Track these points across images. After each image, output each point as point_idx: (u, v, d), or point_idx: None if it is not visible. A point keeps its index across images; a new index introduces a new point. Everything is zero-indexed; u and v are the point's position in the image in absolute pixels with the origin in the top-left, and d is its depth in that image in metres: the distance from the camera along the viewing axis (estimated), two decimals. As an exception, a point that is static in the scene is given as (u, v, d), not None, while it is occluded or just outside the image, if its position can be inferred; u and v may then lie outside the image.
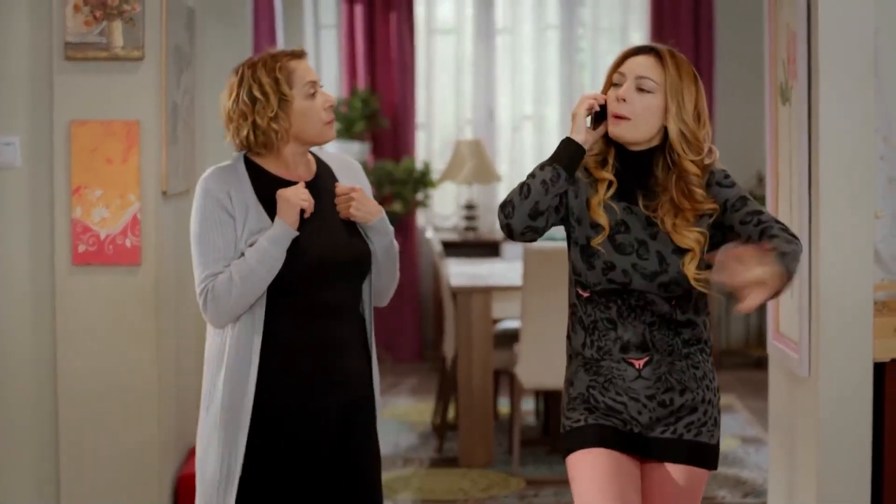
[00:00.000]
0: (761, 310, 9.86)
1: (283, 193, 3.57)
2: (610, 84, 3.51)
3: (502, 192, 10.46)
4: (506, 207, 3.47)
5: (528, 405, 8.17)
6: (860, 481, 4.53)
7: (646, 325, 3.48)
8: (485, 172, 9.90)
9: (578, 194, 3.51)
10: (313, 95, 3.61)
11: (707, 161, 3.47)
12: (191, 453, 5.76)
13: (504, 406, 8.04)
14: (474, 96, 10.55)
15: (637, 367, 3.49)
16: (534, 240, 3.52)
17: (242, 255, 3.54)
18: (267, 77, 3.55)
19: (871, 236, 4.52)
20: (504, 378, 7.71)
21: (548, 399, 7.43)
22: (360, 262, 3.69)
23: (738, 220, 3.42)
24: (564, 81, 10.42)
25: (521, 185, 3.47)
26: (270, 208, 3.58)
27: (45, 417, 5.25)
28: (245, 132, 3.57)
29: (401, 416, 8.21)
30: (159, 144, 5.18)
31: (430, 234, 8.33)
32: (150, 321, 5.18)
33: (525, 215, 3.44)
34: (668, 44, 3.54)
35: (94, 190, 5.11)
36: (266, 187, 3.60)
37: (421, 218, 10.47)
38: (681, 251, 3.43)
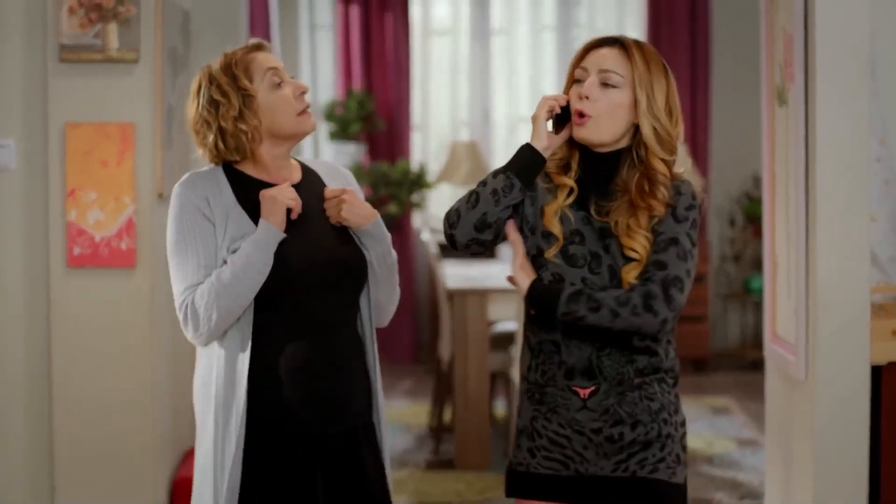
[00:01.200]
0: (758, 312, 9.86)
1: (267, 192, 3.26)
2: (572, 81, 3.22)
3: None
4: (451, 216, 3.19)
5: (524, 407, 8.14)
6: (857, 484, 4.52)
7: (594, 350, 3.14)
8: (481, 174, 9.88)
9: (535, 201, 3.21)
10: (279, 85, 3.29)
11: (678, 169, 3.20)
12: (186, 456, 5.75)
13: (500, 408, 8.04)
14: (470, 98, 10.55)
15: (582, 396, 3.15)
16: (480, 253, 3.25)
17: (225, 262, 3.22)
18: (223, 76, 3.26)
19: (867, 239, 4.51)
20: (500, 380, 7.71)
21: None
22: (353, 270, 3.35)
23: (647, 261, 3.13)
24: (560, 83, 10.40)
25: (470, 194, 3.18)
26: (253, 214, 3.27)
27: (40, 420, 5.24)
28: (212, 139, 3.27)
29: (396, 418, 8.20)
30: (154, 147, 5.17)
31: (425, 235, 8.32)
32: (146, 323, 5.17)
33: (470, 226, 3.15)
34: (663, 44, 3.28)
35: (89, 192, 5.09)
36: (248, 192, 3.30)
37: (417, 220, 10.46)
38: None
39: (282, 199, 3.25)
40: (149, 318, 5.17)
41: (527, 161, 3.19)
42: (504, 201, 3.15)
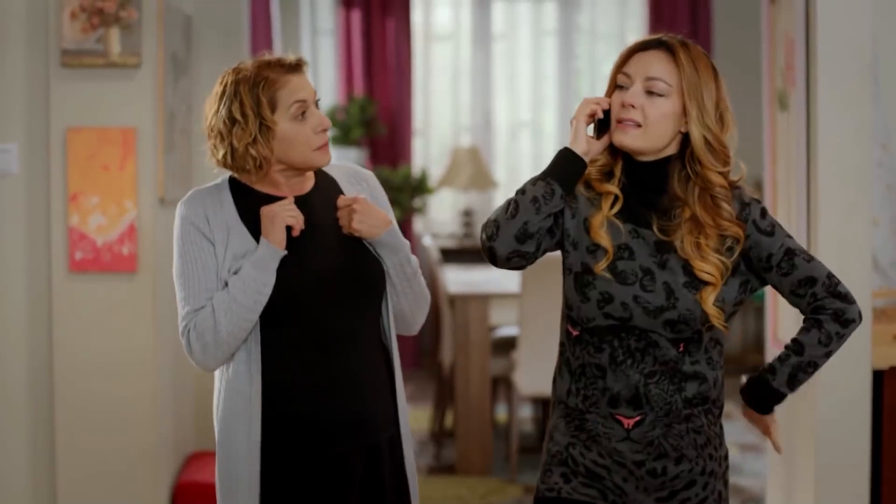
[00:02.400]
0: (759, 317, 9.87)
1: (266, 209, 3.12)
2: (614, 86, 2.99)
3: (500, 198, 10.46)
4: (489, 227, 2.96)
5: (525, 412, 8.15)
6: (859, 488, 4.52)
7: (642, 376, 2.93)
8: (482, 179, 9.89)
9: (576, 213, 2.99)
10: (303, 116, 3.15)
11: (734, 177, 2.98)
12: (188, 460, 5.74)
13: (502, 413, 8.03)
14: (472, 103, 10.55)
15: (626, 425, 2.95)
16: (522, 267, 2.99)
17: (226, 284, 3.11)
18: (249, 96, 3.10)
19: (869, 243, 4.52)
20: (502, 385, 7.70)
21: (545, 406, 7.41)
22: (367, 282, 3.21)
23: (789, 290, 2.97)
24: (562, 88, 10.41)
25: (508, 203, 2.95)
26: (256, 230, 3.15)
27: (42, 425, 5.24)
28: (221, 153, 3.14)
29: (398, 423, 8.19)
30: (156, 151, 5.17)
31: (427, 240, 8.32)
32: (147, 328, 5.17)
33: (511, 237, 2.92)
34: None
35: (90, 197, 5.10)
36: (252, 207, 3.17)
37: (418, 225, 10.46)
38: (693, 284, 2.91)
39: (281, 216, 3.11)
40: (150, 322, 5.17)
41: (567, 166, 2.95)
42: (545, 209, 2.92)
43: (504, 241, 2.93)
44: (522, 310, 6.77)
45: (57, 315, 5.16)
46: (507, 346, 7.32)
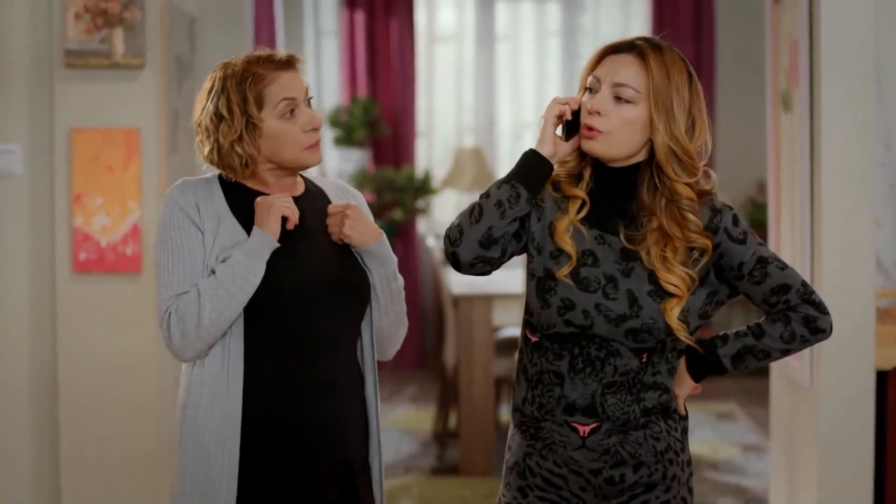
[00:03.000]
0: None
1: (262, 199, 3.04)
2: (584, 88, 2.90)
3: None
4: (452, 232, 2.87)
5: (529, 413, 8.14)
6: (862, 489, 4.52)
7: (600, 386, 2.85)
8: (485, 180, 9.89)
9: (542, 216, 2.91)
10: (291, 114, 3.04)
11: (705, 186, 2.88)
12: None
13: (505, 414, 8.03)
14: (475, 103, 10.55)
15: (581, 433, 2.86)
16: (486, 272, 2.92)
17: (213, 272, 3.00)
18: (235, 93, 3.02)
19: (872, 244, 4.52)
20: (505, 386, 7.70)
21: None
22: (351, 289, 3.11)
23: (761, 299, 2.89)
24: (565, 88, 10.41)
25: (472, 207, 2.86)
26: (247, 224, 3.05)
27: (46, 425, 5.24)
28: (208, 150, 3.07)
29: (401, 423, 8.20)
30: (160, 152, 5.18)
31: (430, 241, 8.33)
32: (151, 329, 5.17)
33: (475, 243, 2.85)
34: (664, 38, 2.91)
35: (94, 198, 5.10)
36: (242, 201, 3.08)
37: (422, 225, 10.47)
38: (658, 294, 2.83)
39: (278, 206, 3.02)
40: (154, 322, 5.17)
41: (532, 168, 2.87)
42: (510, 213, 2.84)
43: (467, 246, 2.86)
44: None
45: (61, 315, 5.17)
46: (510, 346, 7.32)
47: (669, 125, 2.82)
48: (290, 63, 3.08)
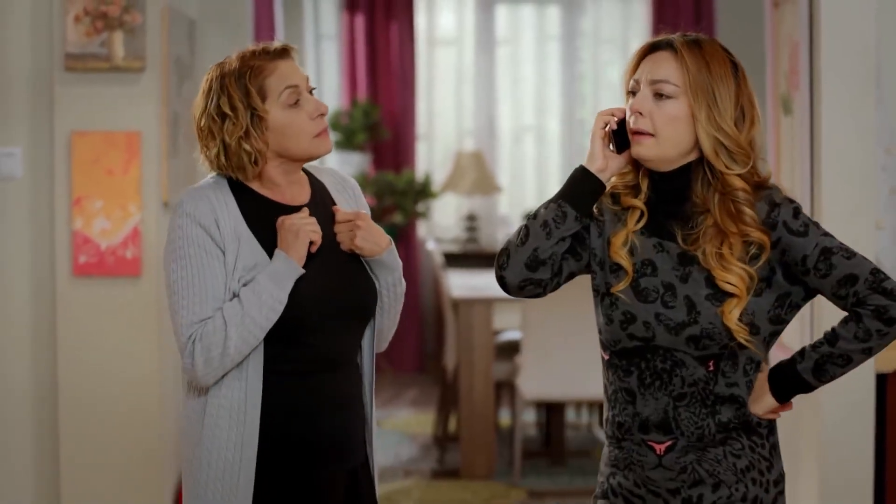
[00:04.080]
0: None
1: (288, 222, 2.95)
2: (628, 92, 2.82)
3: (503, 203, 10.49)
4: (501, 256, 2.84)
5: (529, 416, 8.15)
6: (862, 492, 4.52)
7: (671, 399, 2.76)
8: (486, 183, 9.89)
9: (602, 231, 2.84)
10: (296, 104, 2.98)
11: (758, 177, 2.77)
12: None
13: (505, 417, 8.03)
14: (475, 107, 10.54)
15: (658, 452, 2.77)
16: (539, 295, 2.86)
17: (235, 296, 2.91)
18: (236, 88, 2.95)
19: (873, 247, 4.51)
20: (505, 389, 7.70)
21: (549, 410, 7.41)
22: (365, 303, 3.08)
23: (831, 292, 2.76)
24: (565, 92, 10.40)
25: (520, 229, 2.81)
26: (263, 239, 2.97)
27: (46, 429, 5.24)
28: (214, 152, 2.98)
29: (402, 427, 8.19)
30: (160, 155, 5.18)
31: (431, 245, 8.33)
32: (151, 332, 5.17)
33: (521, 265, 2.80)
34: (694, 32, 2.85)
35: (94, 201, 5.10)
36: (257, 213, 2.99)
37: (422, 229, 10.46)
38: (717, 297, 2.73)
39: (306, 230, 2.93)
40: (154, 326, 5.17)
41: (580, 186, 2.79)
42: (557, 233, 2.77)
43: (514, 269, 2.82)
44: (526, 314, 6.78)
45: (61, 319, 5.16)
46: (510, 350, 7.32)
47: (713, 115, 2.73)
48: (285, 52, 3.01)
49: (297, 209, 3.02)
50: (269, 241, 2.96)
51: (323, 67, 10.50)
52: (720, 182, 2.74)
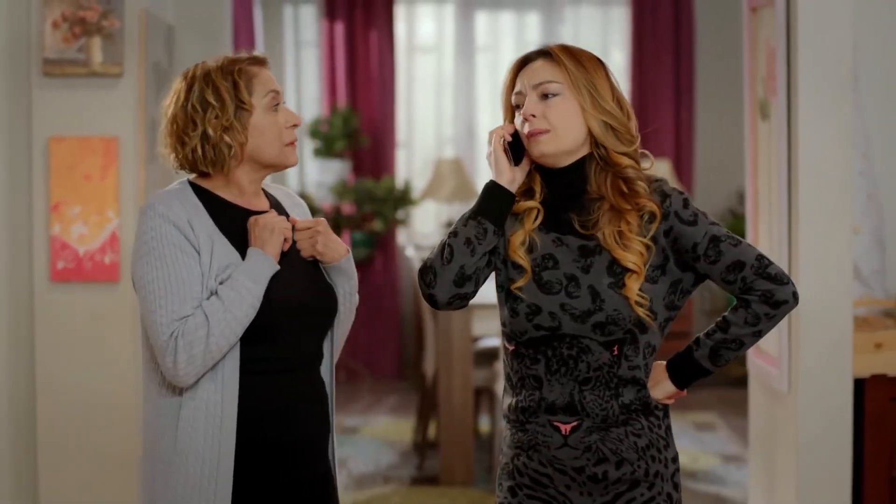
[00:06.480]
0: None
1: (262, 220, 3.01)
2: (510, 110, 3.01)
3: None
4: (427, 274, 2.96)
5: (508, 423, 8.14)
6: (840, 497, 4.53)
7: (577, 384, 2.92)
8: (465, 191, 9.90)
9: (503, 232, 3.00)
10: (275, 109, 3.03)
11: (645, 165, 2.98)
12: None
13: (485, 424, 8.03)
14: (455, 114, 10.56)
15: (563, 432, 2.93)
16: (463, 306, 3.00)
17: (213, 294, 2.94)
18: (223, 80, 2.98)
19: (850, 252, 4.53)
20: (485, 396, 7.70)
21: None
22: (330, 305, 3.13)
23: (720, 278, 2.92)
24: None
25: (442, 247, 2.95)
26: (232, 240, 3.01)
27: (24, 434, 5.23)
28: (193, 144, 2.98)
29: (381, 434, 8.19)
30: (138, 161, 5.17)
31: (410, 252, 8.33)
32: (129, 338, 5.16)
33: (449, 283, 2.94)
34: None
35: (72, 206, 5.09)
36: (225, 216, 3.03)
37: (402, 236, 10.46)
38: (618, 283, 2.90)
39: (280, 227, 3.00)
40: (132, 331, 5.16)
41: (494, 200, 2.97)
42: (480, 249, 2.94)
43: (442, 287, 2.95)
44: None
45: (39, 325, 5.15)
46: (490, 356, 7.32)
47: (597, 102, 2.92)
48: (265, 61, 3.08)
49: (262, 213, 3.06)
50: (238, 244, 3.01)
51: (302, 75, 10.50)
52: (611, 165, 2.92)
